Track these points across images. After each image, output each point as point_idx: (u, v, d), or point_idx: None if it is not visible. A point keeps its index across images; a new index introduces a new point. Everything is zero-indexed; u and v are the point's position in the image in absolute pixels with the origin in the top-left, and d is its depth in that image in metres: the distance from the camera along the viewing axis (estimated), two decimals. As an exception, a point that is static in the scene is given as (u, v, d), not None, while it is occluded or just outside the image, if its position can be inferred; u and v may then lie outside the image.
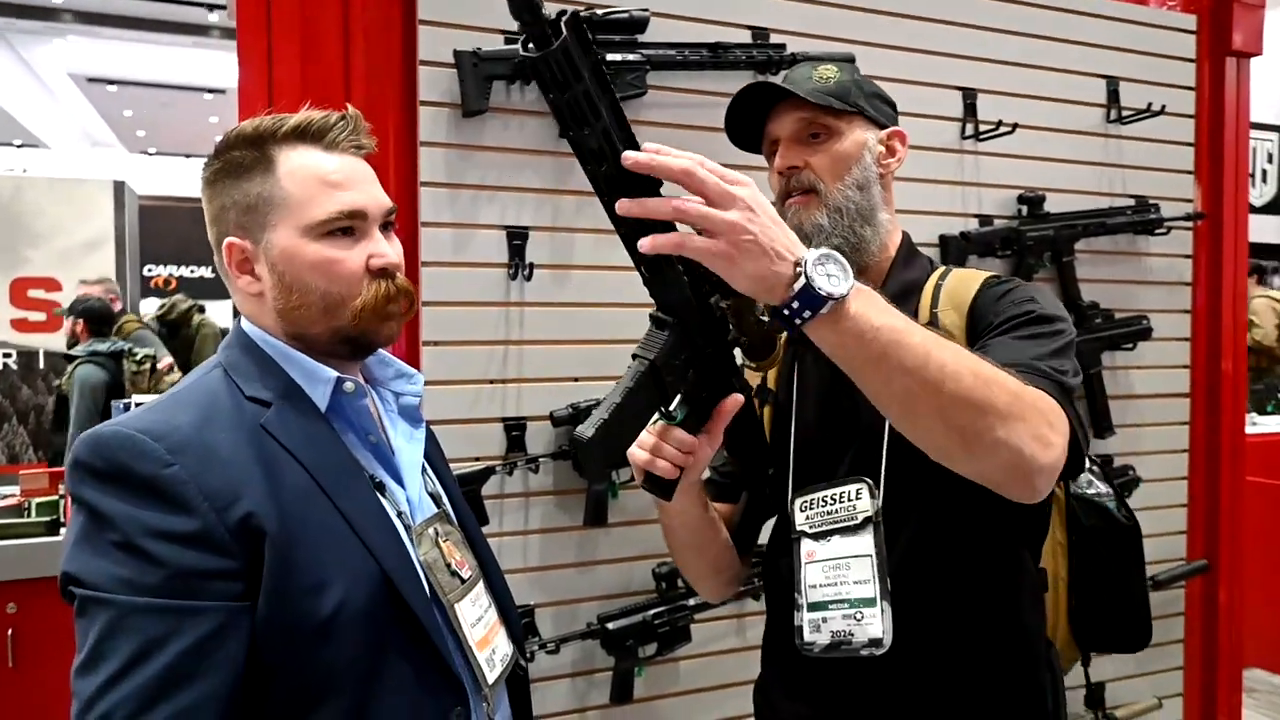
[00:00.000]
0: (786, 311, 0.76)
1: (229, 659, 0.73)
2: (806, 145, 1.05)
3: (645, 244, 0.76)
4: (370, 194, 0.88)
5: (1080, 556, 1.23)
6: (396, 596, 0.81)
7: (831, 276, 0.75)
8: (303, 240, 0.84)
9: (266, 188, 0.84)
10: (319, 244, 0.84)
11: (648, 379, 0.85)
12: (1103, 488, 1.25)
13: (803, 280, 0.74)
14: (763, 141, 1.12)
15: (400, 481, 0.92)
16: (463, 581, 0.91)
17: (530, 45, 0.70)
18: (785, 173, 1.06)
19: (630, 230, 0.78)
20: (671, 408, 0.92)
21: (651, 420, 0.93)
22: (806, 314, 0.75)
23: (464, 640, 0.87)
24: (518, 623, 1.03)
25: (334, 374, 0.86)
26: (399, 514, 0.88)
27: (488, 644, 0.91)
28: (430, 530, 0.91)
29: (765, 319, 0.89)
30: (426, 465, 0.99)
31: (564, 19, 0.68)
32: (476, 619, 0.91)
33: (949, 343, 0.82)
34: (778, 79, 1.09)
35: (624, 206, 0.75)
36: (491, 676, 0.89)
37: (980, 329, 1.00)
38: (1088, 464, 1.25)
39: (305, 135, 0.86)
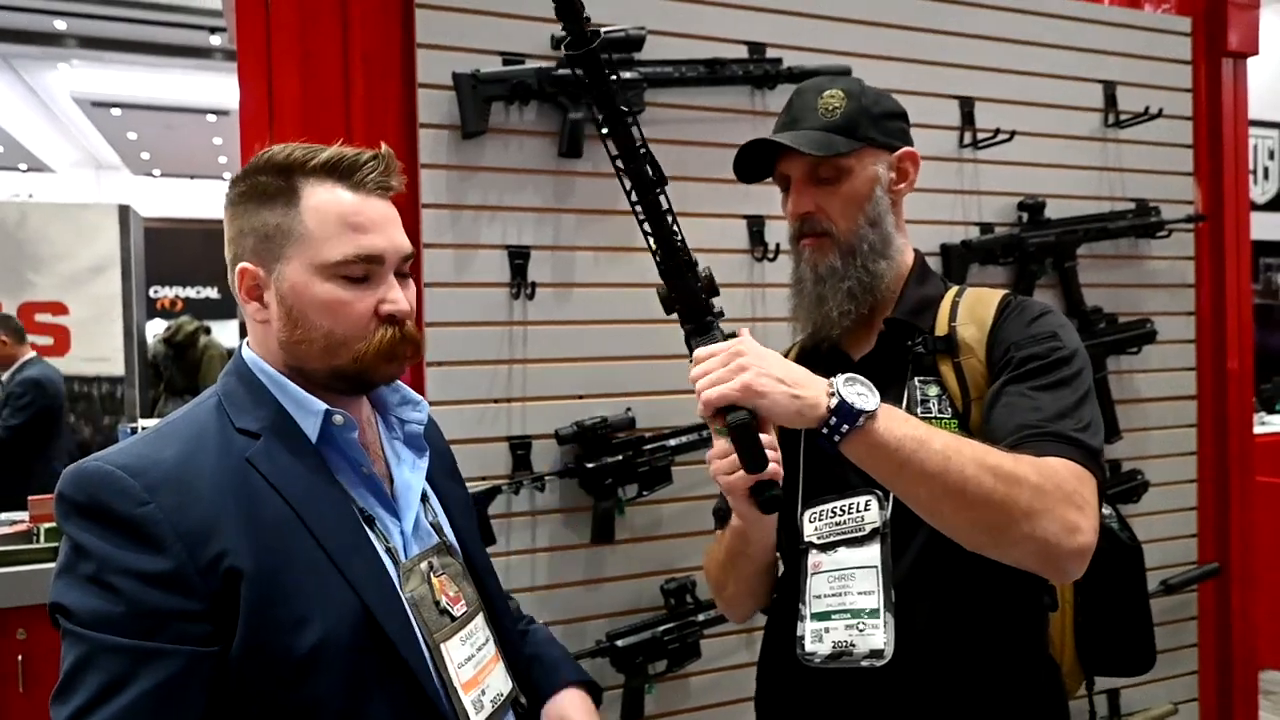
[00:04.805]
0: (825, 430, 0.86)
1: (191, 704, 0.74)
2: (817, 187, 1.06)
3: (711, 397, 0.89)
4: (390, 238, 0.86)
5: (1086, 578, 1.22)
6: (379, 633, 0.80)
7: (860, 395, 0.86)
8: (314, 278, 0.83)
9: (287, 220, 0.84)
10: (330, 284, 0.83)
11: None
12: (1104, 509, 1.25)
13: (837, 399, 0.85)
14: (774, 173, 1.12)
15: (396, 514, 0.90)
16: (453, 619, 0.89)
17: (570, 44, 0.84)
18: (798, 217, 1.08)
19: (661, 250, 0.92)
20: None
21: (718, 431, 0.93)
22: (845, 429, 0.85)
23: (448, 682, 0.85)
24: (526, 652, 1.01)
25: (323, 406, 0.85)
26: (387, 548, 0.86)
27: (477, 684, 0.88)
28: (422, 565, 0.89)
29: None
30: (430, 493, 0.97)
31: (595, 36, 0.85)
32: (466, 658, 0.88)
33: (970, 443, 0.87)
34: (781, 121, 1.10)
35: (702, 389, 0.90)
36: (478, 718, 0.87)
37: (1001, 354, 1.00)
38: None
39: (334, 171, 0.85)
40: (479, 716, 0.87)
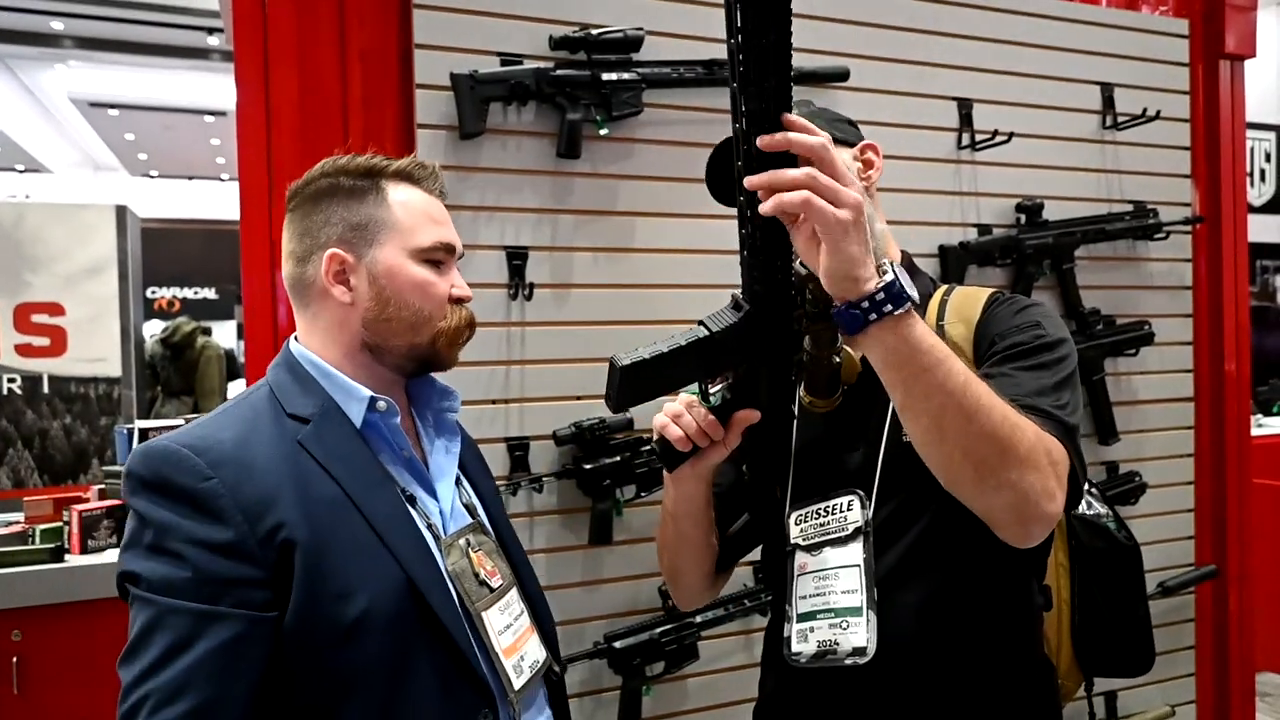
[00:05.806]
0: (867, 304, 0.79)
1: (251, 664, 0.80)
2: None
3: (768, 206, 0.77)
4: (454, 234, 1.00)
5: (1083, 578, 1.23)
6: (422, 602, 0.86)
7: (909, 285, 0.81)
8: (407, 260, 0.95)
9: (379, 211, 0.95)
10: (421, 266, 0.96)
11: (699, 347, 0.86)
12: (1101, 509, 1.25)
13: (890, 277, 0.79)
14: None
15: (434, 494, 0.97)
16: (491, 590, 0.95)
17: None
18: None
19: (750, 199, 0.80)
20: (711, 391, 0.94)
21: (690, 391, 0.95)
22: (887, 308, 0.79)
23: (490, 647, 0.91)
24: (552, 628, 1.07)
25: (368, 393, 0.93)
26: (429, 525, 0.93)
27: (516, 650, 0.95)
28: (461, 541, 0.95)
29: (838, 359, 0.92)
30: (463, 477, 1.04)
31: None
32: (505, 626, 0.95)
33: (983, 381, 0.86)
34: None
35: (754, 182, 0.78)
36: (519, 682, 0.93)
37: (986, 346, 1.00)
38: (1085, 487, 1.25)
39: (409, 176, 0.98)
40: (519, 680, 0.94)
